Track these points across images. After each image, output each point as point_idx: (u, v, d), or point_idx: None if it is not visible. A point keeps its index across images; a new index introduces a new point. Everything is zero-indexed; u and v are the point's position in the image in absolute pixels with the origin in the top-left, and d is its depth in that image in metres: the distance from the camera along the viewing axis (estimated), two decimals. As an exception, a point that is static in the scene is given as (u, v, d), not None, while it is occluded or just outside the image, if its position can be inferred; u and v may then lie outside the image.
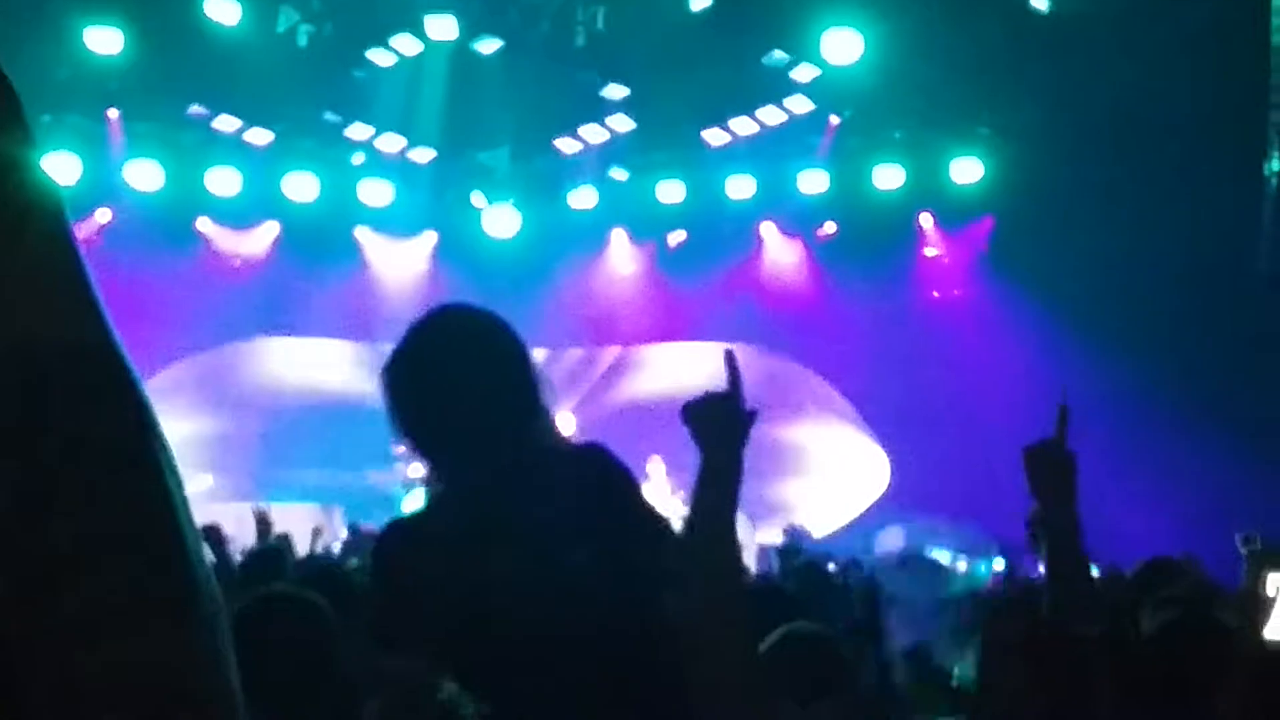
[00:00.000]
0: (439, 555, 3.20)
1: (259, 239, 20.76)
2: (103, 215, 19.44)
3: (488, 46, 19.23)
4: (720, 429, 3.16)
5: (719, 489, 3.13)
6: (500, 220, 21.17)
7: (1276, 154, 17.51)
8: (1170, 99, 16.97)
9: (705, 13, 18.10)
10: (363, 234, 21.23)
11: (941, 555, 12.59)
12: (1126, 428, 17.38)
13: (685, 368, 19.77)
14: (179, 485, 1.10)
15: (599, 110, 19.96)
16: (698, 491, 3.18)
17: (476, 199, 21.24)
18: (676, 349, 20.69)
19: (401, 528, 3.44)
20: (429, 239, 21.50)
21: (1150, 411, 17.36)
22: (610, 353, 21.31)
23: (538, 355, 3.60)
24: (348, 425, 17.51)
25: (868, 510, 19.41)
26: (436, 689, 3.17)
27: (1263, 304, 17.62)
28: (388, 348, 3.42)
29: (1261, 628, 4.43)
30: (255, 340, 20.53)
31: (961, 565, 12.19)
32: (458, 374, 3.31)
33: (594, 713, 3.10)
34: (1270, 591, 4.64)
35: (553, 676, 3.10)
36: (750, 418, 3.18)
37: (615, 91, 19.42)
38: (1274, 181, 17.67)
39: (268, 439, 19.38)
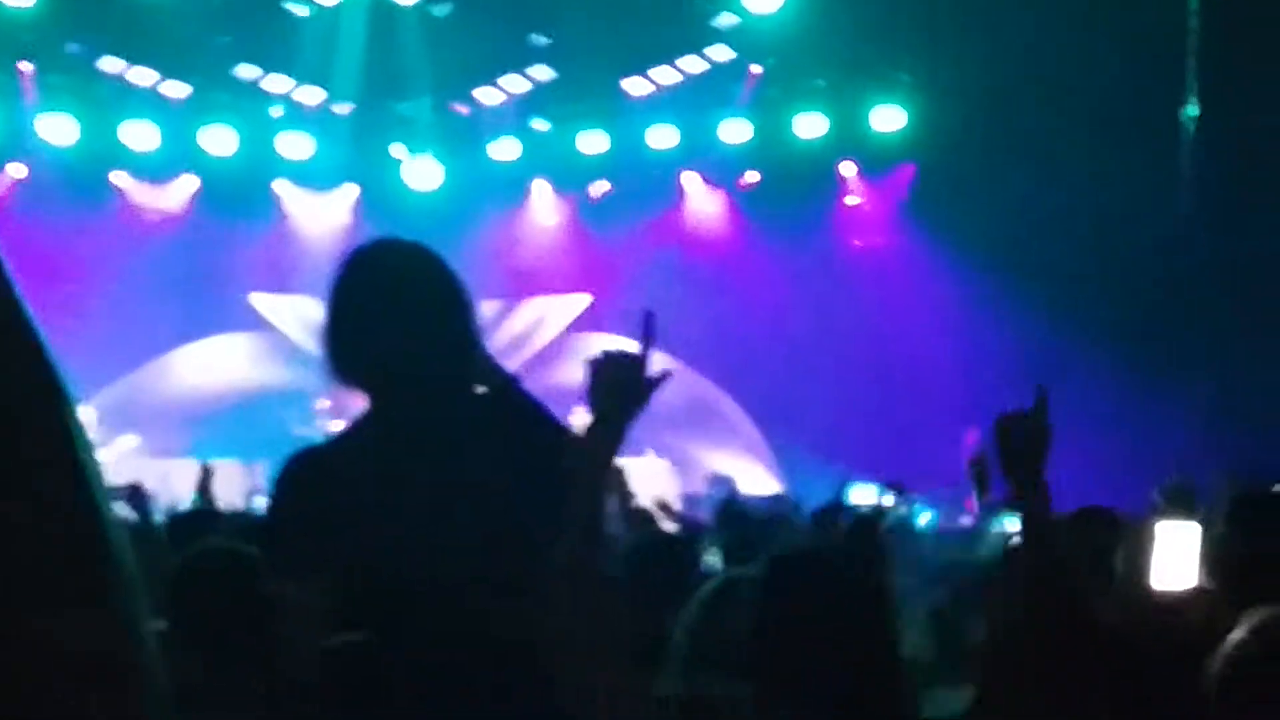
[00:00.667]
0: (345, 486, 3.18)
1: (177, 193, 20.53)
2: (16, 170, 19.18)
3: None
4: (619, 389, 3.06)
5: (597, 448, 3.06)
6: (421, 172, 21.03)
7: (1193, 99, 17.66)
8: (1090, 47, 17.07)
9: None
10: (282, 187, 21.04)
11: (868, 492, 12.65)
12: (1050, 375, 17.49)
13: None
14: (88, 451, 1.07)
15: (520, 60, 19.83)
16: (578, 443, 3.14)
17: (397, 151, 21.08)
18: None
19: (310, 455, 3.40)
20: (350, 192, 21.32)
21: (1073, 358, 17.50)
22: (532, 304, 21.24)
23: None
24: (269, 411, 17.67)
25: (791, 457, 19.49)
26: (331, 620, 3.13)
27: (1181, 244, 17.81)
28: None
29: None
30: (169, 355, 20.30)
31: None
32: (397, 303, 3.29)
33: (479, 667, 3.09)
34: (1162, 538, 4.58)
35: (442, 624, 3.09)
36: (651, 385, 3.06)
37: (536, 40, 19.28)
38: (1190, 127, 17.84)
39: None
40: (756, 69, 19.69)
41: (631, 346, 3.09)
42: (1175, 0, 17.16)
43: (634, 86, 19.92)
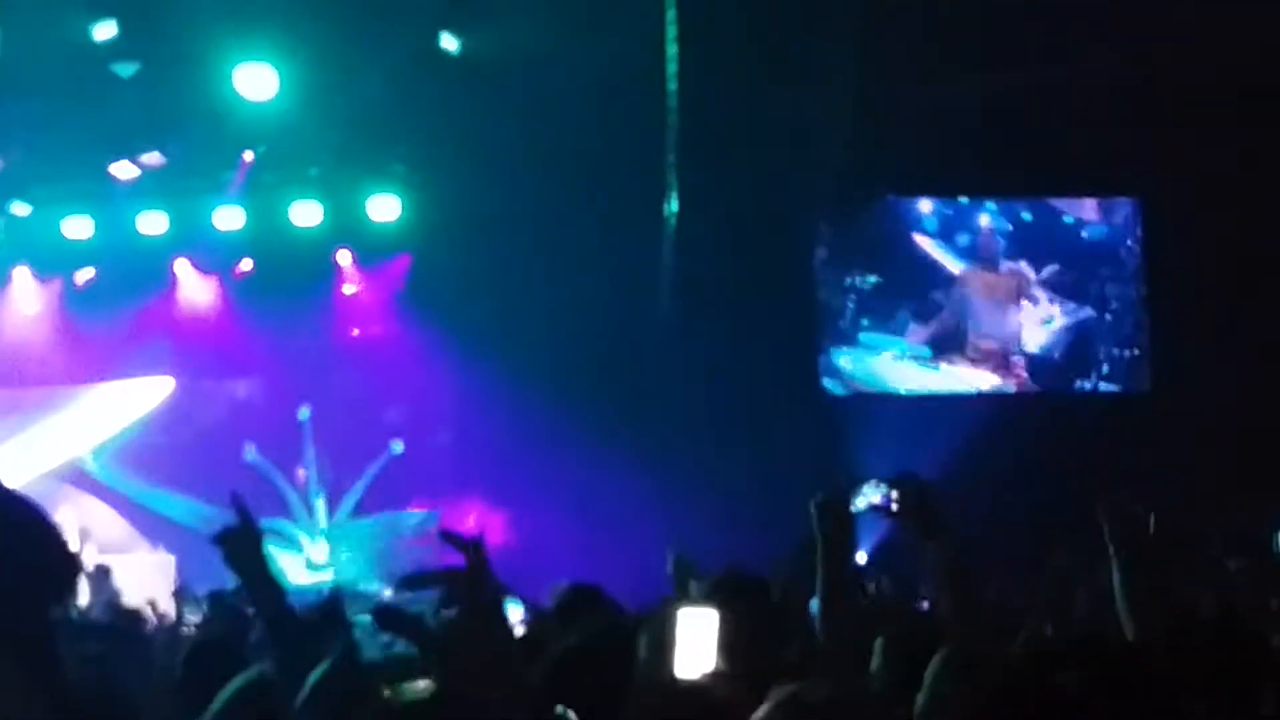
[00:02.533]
0: None
1: None
2: None
3: None
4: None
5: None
6: None
7: (674, 195, 18.41)
8: (578, 140, 17.61)
9: (110, 42, 17.42)
10: None
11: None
12: (541, 458, 17.92)
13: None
14: None
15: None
16: None
17: None
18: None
19: None
20: None
21: (564, 441, 17.92)
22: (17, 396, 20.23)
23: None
24: None
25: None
26: None
27: (661, 344, 18.52)
28: None
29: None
30: None
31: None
32: None
33: None
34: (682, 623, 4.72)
35: None
36: None
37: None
38: (672, 222, 18.58)
39: None
40: (249, 155, 19.40)
41: None
42: (657, 95, 17.84)
43: (121, 170, 19.25)
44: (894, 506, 4.54)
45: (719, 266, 18.39)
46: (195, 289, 20.61)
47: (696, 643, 4.48)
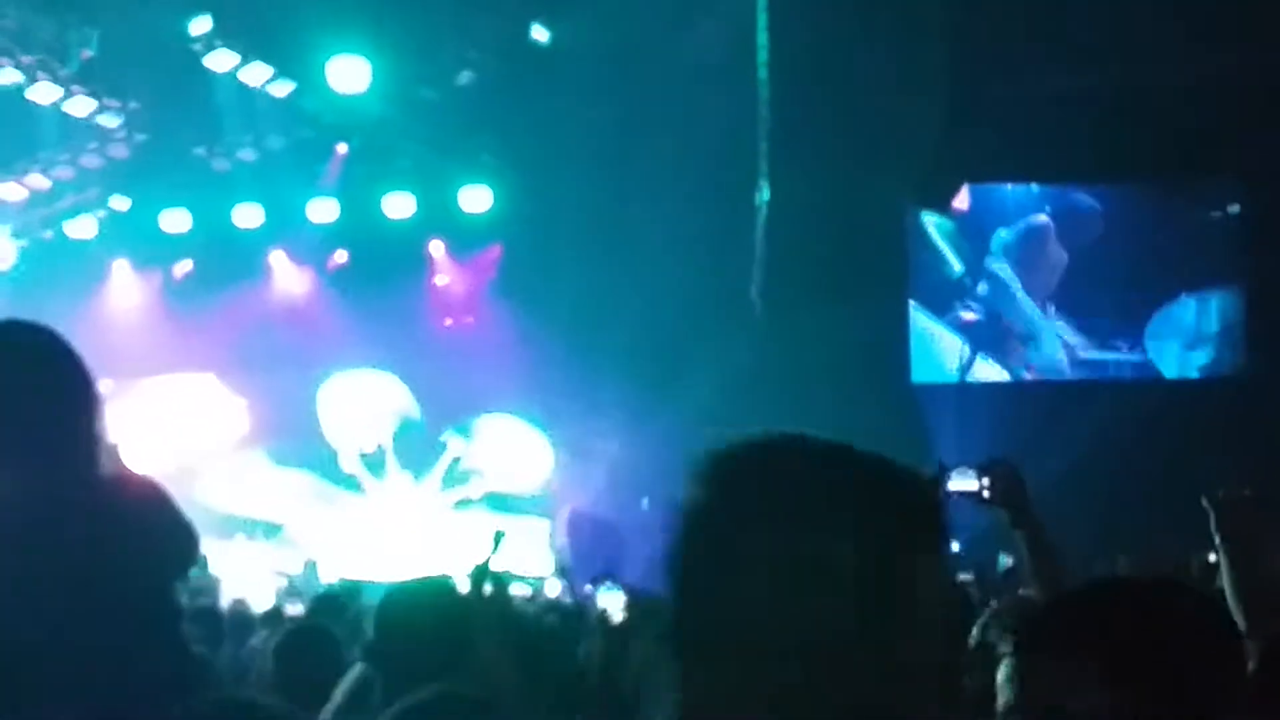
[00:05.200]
0: None
1: None
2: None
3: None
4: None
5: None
6: (-6, 250, 20.10)
7: (766, 184, 18.40)
8: (669, 130, 17.64)
9: (205, 37, 17.66)
10: None
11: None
12: (629, 448, 18.01)
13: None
14: None
15: (97, 135, 19.20)
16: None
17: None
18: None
19: None
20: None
21: (653, 431, 17.98)
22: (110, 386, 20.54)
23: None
24: None
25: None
26: None
27: (757, 334, 18.52)
28: None
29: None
30: None
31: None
32: (14, 390, 3.22)
33: None
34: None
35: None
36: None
37: (113, 117, 18.68)
38: (764, 211, 18.58)
39: None
40: (342, 148, 19.61)
41: None
42: (749, 84, 17.82)
43: (219, 164, 19.53)
44: (986, 493, 4.55)
45: (810, 255, 18.36)
46: (290, 280, 20.86)
47: None
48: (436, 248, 20.46)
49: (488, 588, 5.39)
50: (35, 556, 3.08)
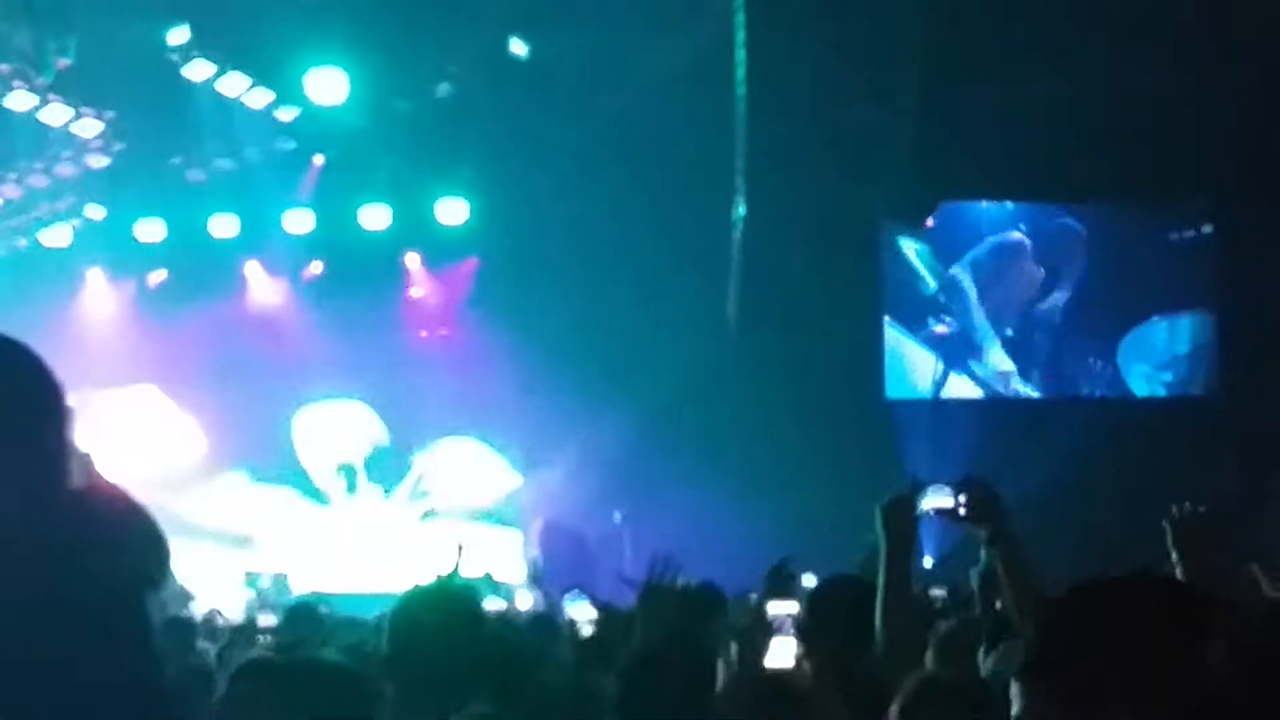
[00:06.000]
0: None
1: None
2: None
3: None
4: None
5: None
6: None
7: (742, 199, 18.44)
8: (647, 144, 17.68)
9: (183, 47, 17.66)
10: None
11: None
12: (605, 460, 18.03)
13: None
14: None
15: (73, 144, 19.16)
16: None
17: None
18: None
19: None
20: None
21: (630, 444, 18.03)
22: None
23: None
24: None
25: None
26: None
27: (728, 347, 18.56)
28: None
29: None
30: None
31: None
32: None
33: None
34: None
35: None
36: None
37: (92, 126, 18.64)
38: (740, 226, 18.61)
39: None
40: (319, 159, 19.60)
41: None
42: (726, 98, 17.87)
43: (194, 174, 19.50)
44: (961, 510, 4.60)
45: (785, 270, 18.40)
46: (265, 291, 20.82)
47: (781, 638, 4.69)
48: (412, 260, 20.46)
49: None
50: (3, 570, 3.07)
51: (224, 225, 19.88)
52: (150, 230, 19.96)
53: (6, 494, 3.12)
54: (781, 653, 4.83)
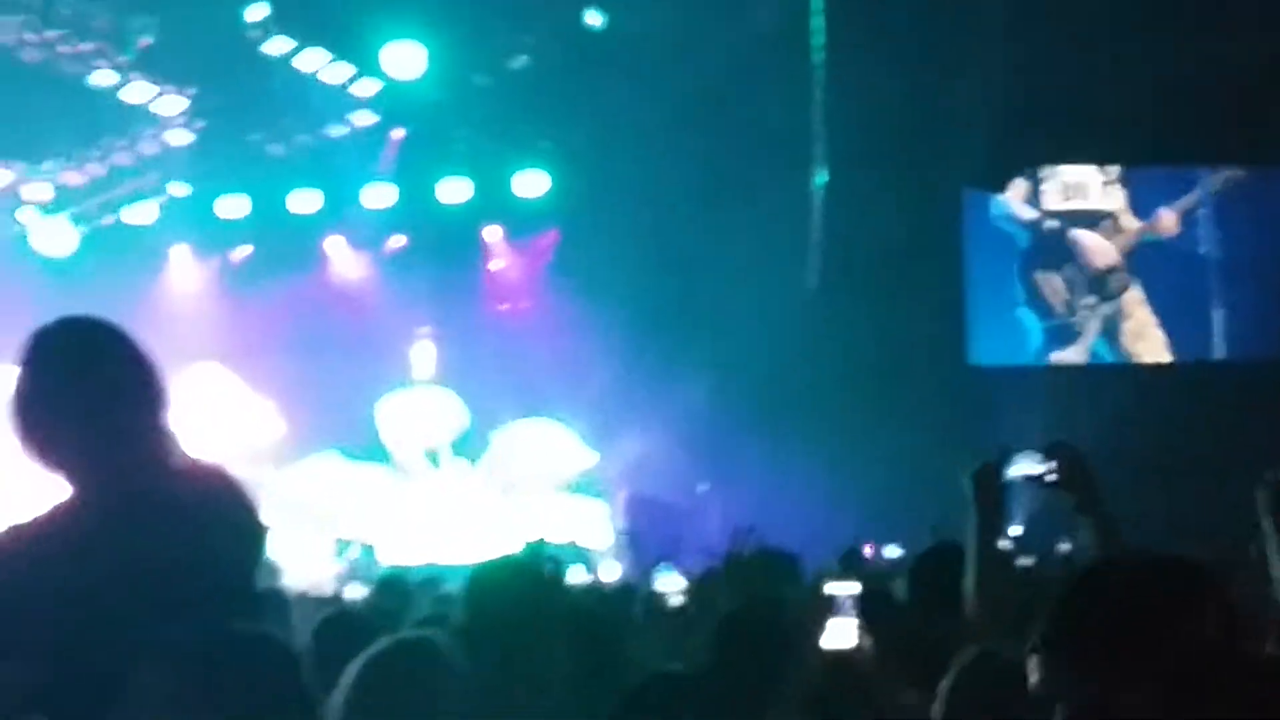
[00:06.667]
0: (53, 566, 3.14)
1: None
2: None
3: (33, 55, 18.34)
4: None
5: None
6: (54, 237, 20.24)
7: (822, 167, 18.34)
8: (726, 112, 17.61)
9: (262, 24, 17.74)
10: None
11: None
12: (686, 429, 18.02)
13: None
14: None
15: (156, 122, 19.32)
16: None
17: (26, 214, 20.25)
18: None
19: (15, 535, 3.34)
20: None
21: (710, 412, 18.01)
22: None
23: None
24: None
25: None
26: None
27: (809, 315, 18.48)
28: None
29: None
30: None
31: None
32: (98, 387, 3.29)
33: None
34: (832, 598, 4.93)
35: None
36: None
37: (174, 104, 18.79)
38: (820, 194, 18.53)
39: None
40: (399, 133, 19.66)
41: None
42: (804, 68, 17.78)
43: (276, 150, 19.62)
44: (1051, 476, 4.54)
45: (867, 236, 18.30)
46: (347, 266, 20.93)
47: (843, 617, 4.65)
48: (492, 233, 20.50)
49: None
50: (109, 552, 3.13)
51: (305, 200, 20.01)
52: (232, 206, 20.12)
53: (109, 474, 3.20)
54: (839, 633, 4.78)
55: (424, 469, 20.51)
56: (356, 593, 9.94)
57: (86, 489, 3.25)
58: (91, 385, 3.25)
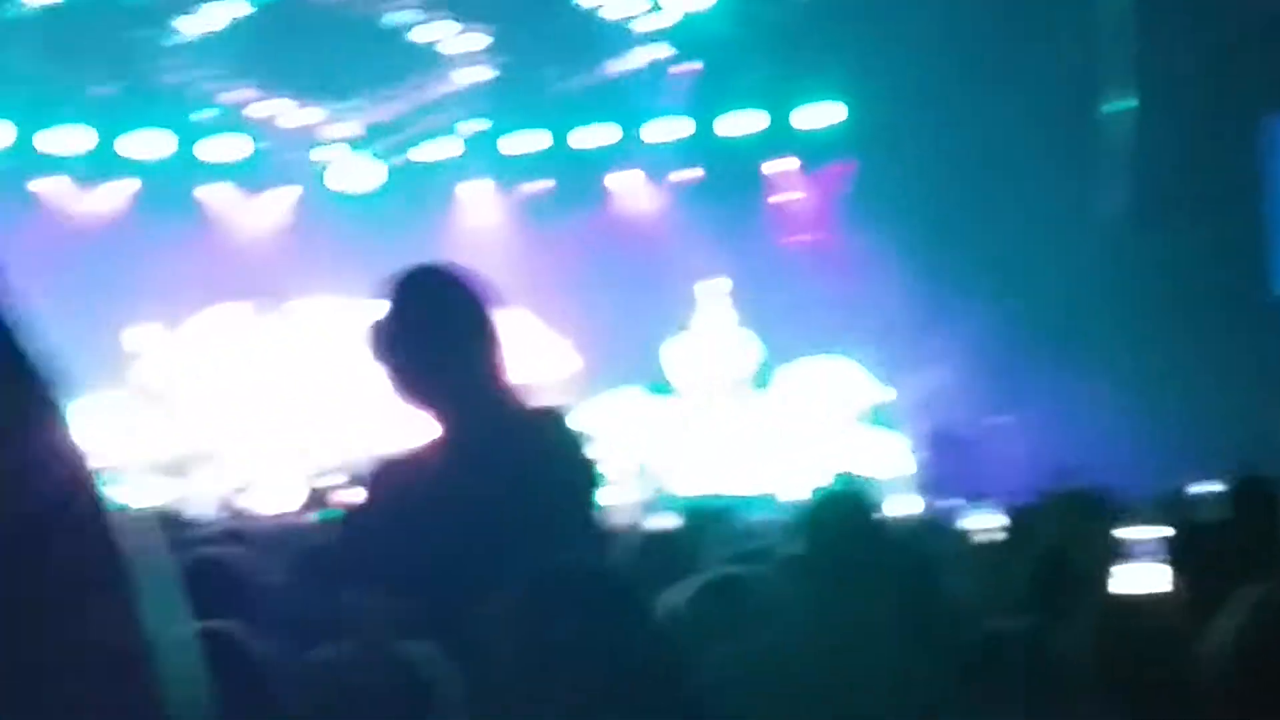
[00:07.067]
0: (425, 499, 3.28)
1: (109, 198, 20.26)
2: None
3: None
4: None
5: None
6: (356, 174, 20.86)
7: (1127, 91, 17.83)
8: (1028, 38, 17.21)
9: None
10: (213, 191, 20.75)
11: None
12: (984, 365, 17.76)
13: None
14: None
15: (454, 60, 19.72)
16: None
17: (332, 151, 20.90)
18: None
19: (390, 467, 3.50)
20: (286, 194, 21.10)
21: (1008, 348, 17.72)
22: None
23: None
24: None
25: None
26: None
27: (1111, 248, 18.01)
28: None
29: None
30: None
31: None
32: (446, 331, 3.57)
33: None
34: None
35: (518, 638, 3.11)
36: None
37: (473, 40, 19.15)
38: (1122, 120, 18.01)
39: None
40: (691, 65, 19.69)
41: None
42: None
43: (570, 85, 19.85)
44: None
45: (1166, 164, 17.75)
46: (638, 200, 21.07)
47: (1150, 560, 4.54)
48: (784, 165, 20.41)
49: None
50: (472, 488, 3.24)
51: (597, 135, 20.21)
52: (526, 142, 20.43)
53: (474, 413, 3.34)
54: (1146, 576, 4.62)
55: (716, 404, 20.57)
56: (660, 522, 10.04)
57: (451, 426, 3.39)
58: (454, 328, 3.42)
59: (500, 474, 3.33)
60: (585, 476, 3.51)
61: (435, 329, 3.49)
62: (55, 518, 1.10)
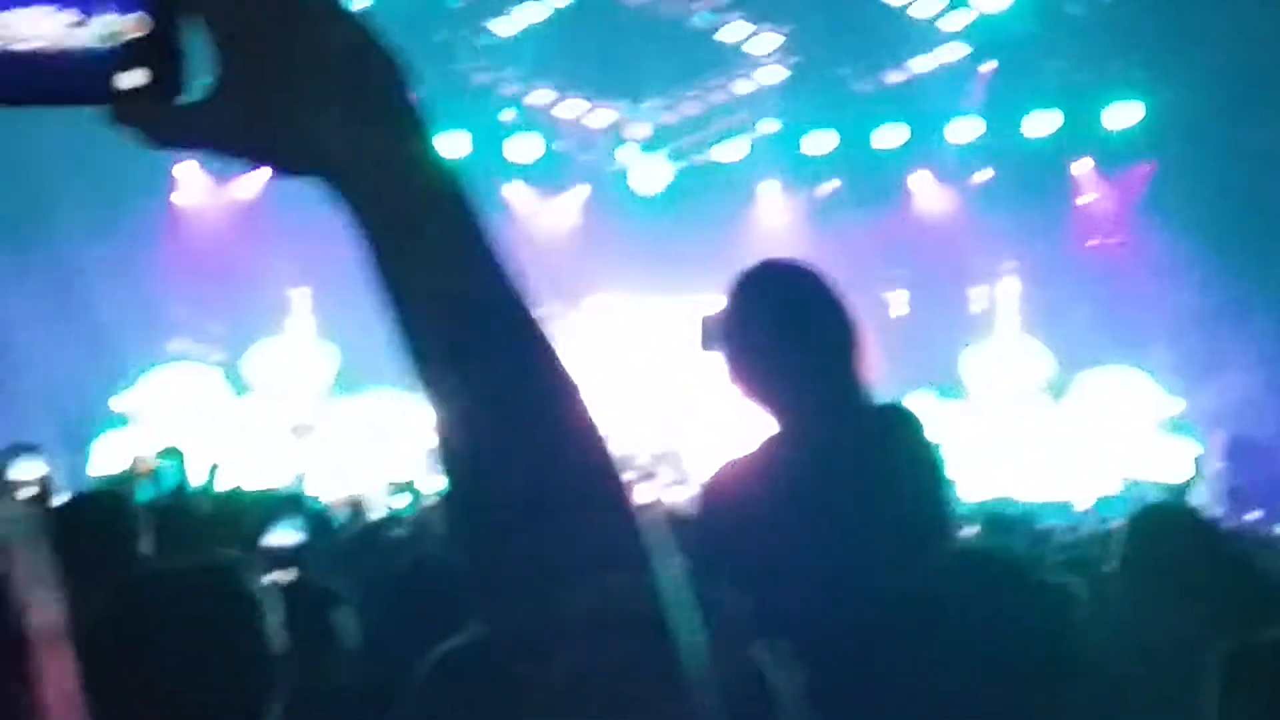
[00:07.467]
0: (772, 499, 3.32)
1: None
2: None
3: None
4: None
5: None
6: (650, 174, 21.10)
7: None
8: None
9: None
10: (512, 190, 21.18)
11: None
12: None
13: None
14: None
15: (751, 61, 19.82)
16: None
17: (626, 152, 21.19)
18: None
19: (737, 467, 3.56)
20: (579, 193, 21.45)
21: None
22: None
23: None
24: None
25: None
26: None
27: None
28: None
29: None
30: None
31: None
32: (789, 329, 3.50)
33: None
34: None
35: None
36: None
37: (766, 41, 19.23)
38: None
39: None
40: (988, 66, 19.46)
41: None
42: None
43: (864, 85, 19.78)
44: None
45: None
46: (932, 201, 20.87)
47: None
48: (1082, 166, 20.01)
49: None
50: (813, 487, 3.27)
51: (891, 135, 20.09)
52: (819, 142, 20.41)
53: (817, 412, 3.37)
54: None
55: (1009, 410, 20.27)
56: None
57: (791, 425, 3.41)
58: (798, 327, 3.42)
59: (853, 473, 3.34)
60: (936, 476, 3.49)
61: (776, 326, 3.49)
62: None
